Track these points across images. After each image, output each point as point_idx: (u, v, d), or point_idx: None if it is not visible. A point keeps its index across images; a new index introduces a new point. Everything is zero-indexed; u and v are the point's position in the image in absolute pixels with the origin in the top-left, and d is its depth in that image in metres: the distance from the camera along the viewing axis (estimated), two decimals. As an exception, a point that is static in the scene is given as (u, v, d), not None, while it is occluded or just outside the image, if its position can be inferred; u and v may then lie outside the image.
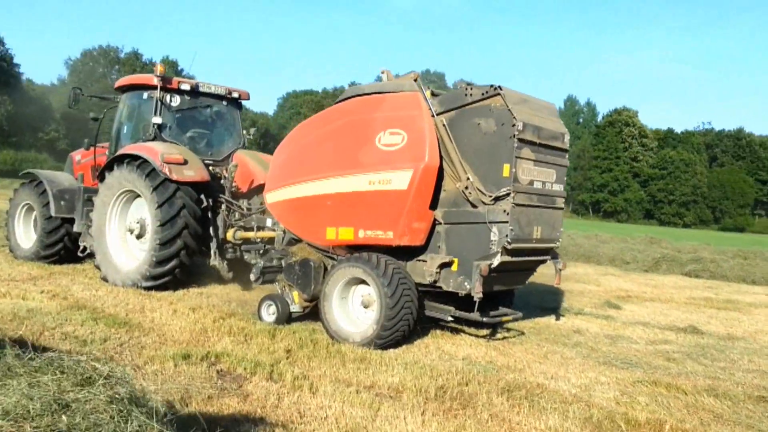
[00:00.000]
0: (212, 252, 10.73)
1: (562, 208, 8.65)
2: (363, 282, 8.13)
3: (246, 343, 7.52)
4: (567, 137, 8.49)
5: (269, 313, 8.82)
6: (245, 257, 11.03)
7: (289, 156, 9.13)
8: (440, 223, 8.01)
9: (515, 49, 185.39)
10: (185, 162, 10.43)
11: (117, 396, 2.97)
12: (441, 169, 7.88)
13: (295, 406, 5.57)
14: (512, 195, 7.51)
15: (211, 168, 11.20)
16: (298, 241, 9.33)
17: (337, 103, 8.84)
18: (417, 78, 8.28)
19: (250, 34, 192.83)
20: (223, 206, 11.06)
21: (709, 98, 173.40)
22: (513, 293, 9.47)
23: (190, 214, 10.35)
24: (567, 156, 8.57)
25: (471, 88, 7.83)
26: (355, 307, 8.31)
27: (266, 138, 69.07)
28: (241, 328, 8.11)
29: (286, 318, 8.74)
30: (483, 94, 7.70)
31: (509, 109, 7.49)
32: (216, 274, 11.28)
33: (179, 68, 77.76)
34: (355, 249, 8.40)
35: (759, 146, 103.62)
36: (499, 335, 9.04)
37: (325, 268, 8.76)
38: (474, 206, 7.74)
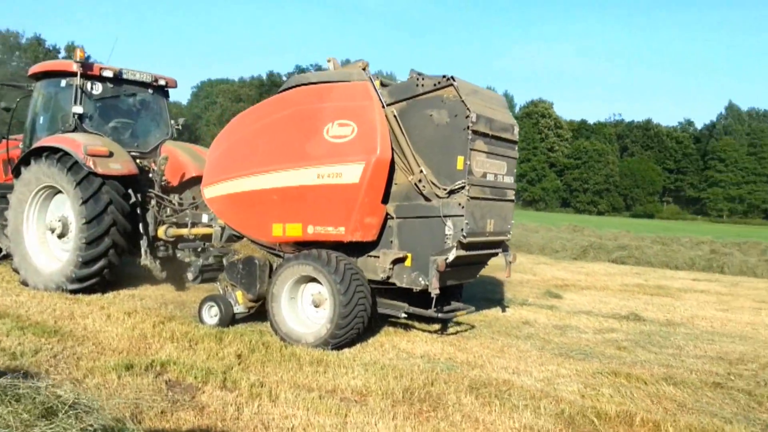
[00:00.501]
0: (143, 251, 10.08)
1: (513, 201, 8.49)
2: (313, 280, 7.73)
3: (192, 349, 7.01)
4: (516, 129, 8.32)
5: (211, 315, 8.30)
6: (178, 255, 10.40)
7: (229, 148, 8.61)
8: (392, 218, 7.69)
9: (432, 39, 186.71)
10: (110, 154, 9.74)
11: (90, 429, 2.51)
12: (393, 162, 7.56)
13: (258, 417, 5.16)
14: (467, 188, 7.27)
15: (138, 161, 10.51)
16: (239, 237, 8.85)
17: (281, 92, 8.36)
18: (366, 67, 7.91)
19: (161, 20, 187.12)
20: (153, 201, 10.43)
21: (620, 91, 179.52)
22: (462, 287, 9.27)
23: (118, 210, 9.69)
24: (516, 148, 8.40)
25: (422, 79, 7.52)
26: (305, 306, 7.90)
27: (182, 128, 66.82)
28: (183, 332, 7.57)
29: (229, 320, 8.25)
30: (435, 84, 7.41)
31: (462, 101, 7.23)
32: (147, 274, 10.64)
33: (87, 56, 74.42)
34: (303, 245, 7.98)
35: (666, 137, 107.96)
36: (451, 330, 8.81)
37: (271, 267, 8.32)
38: (427, 200, 7.45)
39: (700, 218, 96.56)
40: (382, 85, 7.87)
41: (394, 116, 7.54)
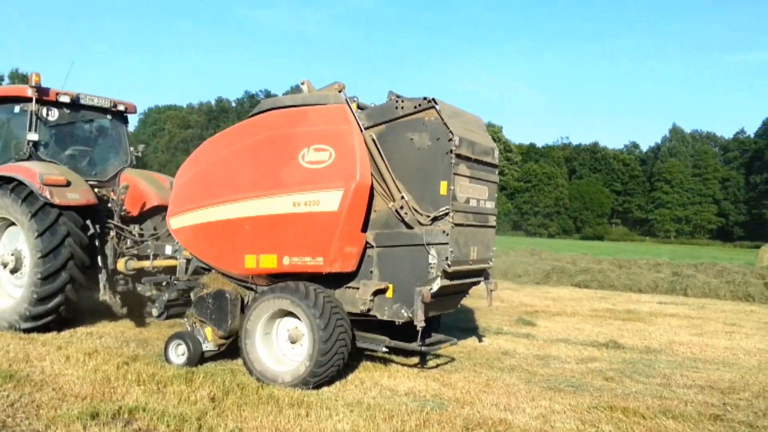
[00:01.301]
0: (102, 285, 9.47)
1: (494, 227, 8.22)
2: (289, 314, 7.31)
3: (160, 393, 6.50)
4: (497, 152, 8.08)
5: (178, 354, 7.78)
6: (139, 290, 9.85)
7: (196, 176, 8.15)
8: (372, 247, 7.32)
9: (378, 65, 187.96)
10: (68, 183, 9.19)
11: None
12: (372, 189, 7.22)
13: (242, 471, 4.71)
14: (451, 214, 6.97)
15: (96, 190, 9.95)
16: (207, 270, 8.36)
17: (252, 116, 7.96)
18: (342, 89, 7.58)
19: (106, 46, 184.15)
20: (112, 233, 9.87)
21: (567, 114, 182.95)
22: (440, 317, 8.95)
23: (76, 243, 9.11)
24: (497, 172, 8.16)
25: (402, 101, 7.22)
26: (280, 343, 7.46)
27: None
28: (150, 374, 7.05)
29: (198, 359, 7.74)
30: (416, 107, 7.11)
31: (445, 123, 6.95)
32: (104, 310, 10.06)
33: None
34: (277, 278, 7.55)
35: (613, 159, 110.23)
36: (431, 363, 8.46)
37: (243, 301, 7.86)
38: (409, 227, 7.11)
39: (648, 239, 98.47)
40: (359, 108, 7.55)
41: (373, 140, 7.21)
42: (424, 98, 7.08)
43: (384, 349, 7.54)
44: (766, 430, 6.10)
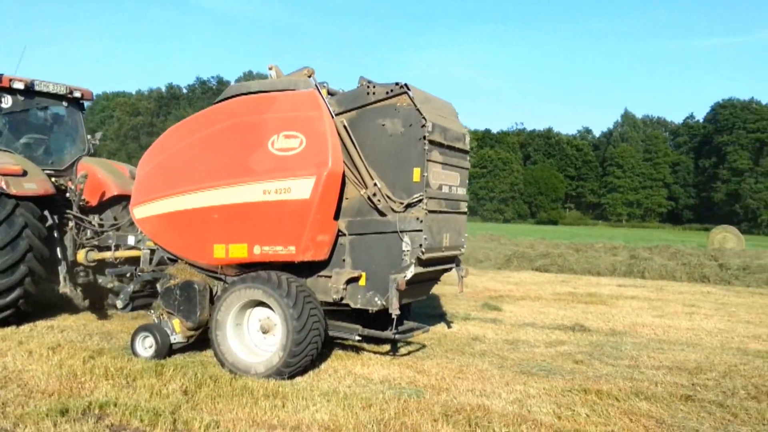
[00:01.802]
0: (62, 277, 9.20)
1: (466, 213, 8.21)
2: (260, 304, 7.18)
3: (131, 387, 6.34)
4: (468, 138, 8.05)
5: (146, 346, 7.60)
6: (100, 281, 9.62)
7: (161, 164, 7.93)
8: (344, 235, 7.24)
9: (326, 50, 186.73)
10: (24, 173, 8.88)
11: None
12: (344, 176, 7.12)
13: (222, 465, 4.61)
14: (424, 201, 6.92)
15: (53, 179, 9.64)
16: (173, 261, 8.17)
17: (217, 102, 7.78)
18: (312, 74, 7.45)
19: (53, 30, 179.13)
20: (72, 223, 9.59)
21: (521, 100, 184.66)
22: (410, 304, 8.93)
23: (34, 234, 8.82)
24: (468, 158, 8.14)
25: (374, 86, 7.12)
26: (252, 333, 7.33)
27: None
28: (118, 368, 6.87)
29: (166, 351, 7.57)
30: (387, 92, 7.03)
31: (418, 109, 6.88)
32: (64, 302, 9.78)
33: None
34: (247, 267, 7.42)
35: (566, 145, 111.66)
36: (402, 350, 8.42)
37: (211, 292, 7.70)
38: (382, 214, 7.05)
39: (600, 223, 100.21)
40: (329, 93, 7.43)
41: (344, 127, 7.11)
42: (396, 84, 7.00)
43: (357, 338, 7.47)
44: (737, 409, 6.20)
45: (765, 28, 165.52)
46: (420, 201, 6.91)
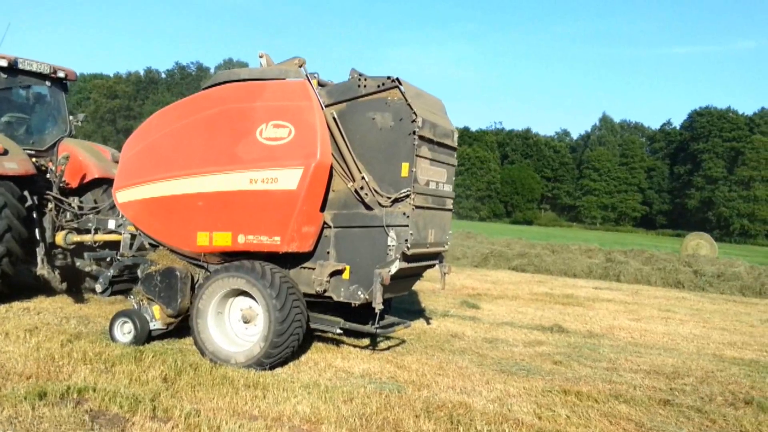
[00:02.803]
0: (39, 259, 9.09)
1: (451, 210, 8.21)
2: (242, 294, 7.14)
3: (109, 373, 6.26)
4: (456, 135, 8.05)
5: (124, 332, 7.52)
6: (78, 264, 9.51)
7: (146, 148, 7.83)
8: (329, 227, 7.21)
9: (314, 41, 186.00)
10: (5, 152, 8.76)
11: None
12: (332, 168, 7.09)
13: (203, 454, 4.57)
14: (412, 196, 6.90)
15: (34, 160, 9.50)
16: (155, 246, 8.08)
17: (206, 88, 7.69)
18: (303, 64, 7.39)
19: (31, 9, 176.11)
20: (51, 205, 9.46)
21: (500, 99, 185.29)
22: (391, 300, 8.94)
23: (13, 215, 8.70)
24: (455, 155, 8.14)
25: (365, 79, 7.09)
26: (233, 323, 7.28)
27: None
28: (96, 353, 6.80)
29: (145, 337, 7.50)
30: (379, 86, 7.00)
31: (408, 104, 6.87)
32: (40, 284, 9.63)
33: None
34: (230, 256, 7.36)
35: (544, 146, 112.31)
36: (382, 344, 8.42)
37: (193, 279, 7.63)
38: (369, 208, 7.02)
39: (575, 225, 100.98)
40: (320, 84, 7.39)
41: (334, 119, 7.07)
42: (388, 77, 6.97)
43: (338, 331, 7.45)
44: (715, 415, 6.27)
45: (744, 38, 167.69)
46: (407, 196, 6.89)
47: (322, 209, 7.15)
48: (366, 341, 8.42)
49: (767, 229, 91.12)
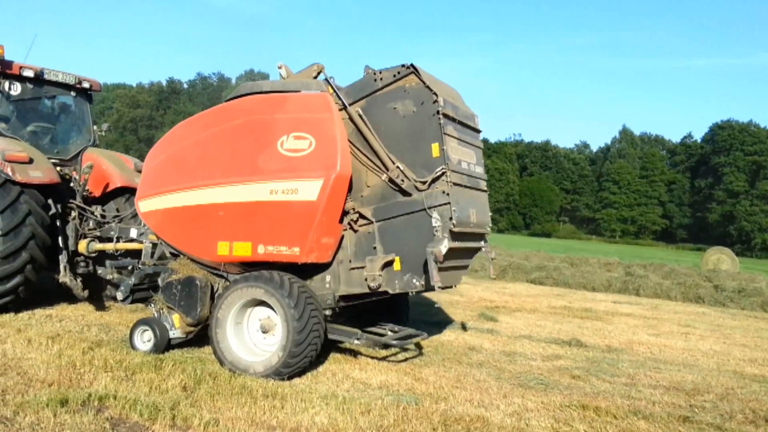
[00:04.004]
0: (62, 266, 9.20)
1: (487, 192, 8.23)
2: (261, 304, 7.19)
3: (130, 381, 6.33)
4: (478, 119, 8.10)
5: (144, 340, 7.60)
6: (99, 272, 9.63)
7: (169, 158, 7.94)
8: (371, 222, 7.16)
9: (333, 54, 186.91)
10: (30, 161, 8.88)
11: None
12: (352, 180, 7.13)
13: (222, 464, 4.60)
14: (448, 174, 6.89)
15: (58, 168, 9.64)
16: (175, 255, 8.16)
17: (229, 100, 7.79)
18: (322, 70, 7.50)
19: (51, 20, 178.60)
20: (74, 213, 9.60)
21: (519, 111, 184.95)
22: (408, 311, 9.00)
23: (38, 222, 8.83)
24: (480, 138, 8.17)
25: (380, 73, 7.22)
26: (252, 332, 7.33)
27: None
28: (117, 360, 6.87)
29: (165, 346, 7.56)
30: (395, 75, 7.13)
31: (428, 87, 6.96)
32: (62, 292, 9.75)
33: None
34: (250, 266, 7.42)
35: (563, 158, 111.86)
36: (400, 356, 8.42)
37: (212, 288, 7.69)
38: (407, 194, 7.00)
39: (594, 238, 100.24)
40: (336, 88, 7.47)
41: (359, 115, 7.14)
42: (403, 65, 7.10)
43: (356, 342, 7.47)
44: (734, 432, 6.23)
45: (765, 50, 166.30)
46: (443, 174, 6.88)
47: (341, 221, 7.19)
48: (384, 353, 8.42)
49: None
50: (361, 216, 7.18)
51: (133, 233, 9.30)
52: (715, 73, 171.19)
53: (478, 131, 8.05)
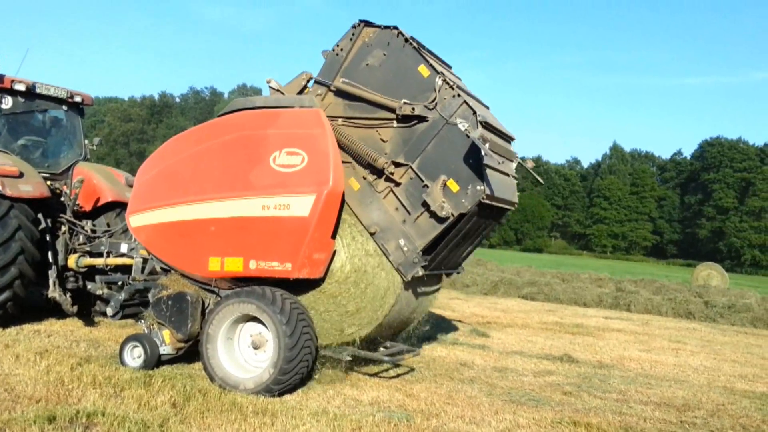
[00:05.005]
0: (51, 281, 9.15)
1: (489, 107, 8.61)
2: (252, 320, 7.15)
3: (118, 397, 6.28)
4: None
5: (134, 356, 7.54)
6: (89, 288, 9.57)
7: (160, 173, 7.90)
8: (408, 166, 7.06)
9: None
10: (21, 175, 8.84)
11: None
12: (344, 196, 7.14)
13: (213, 483, 4.56)
14: (447, 80, 6.97)
15: (48, 183, 9.60)
16: (166, 270, 8.12)
17: (222, 115, 7.79)
18: (311, 78, 7.59)
19: (44, 32, 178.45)
20: (64, 228, 9.55)
21: (511, 127, 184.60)
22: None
23: (27, 237, 8.76)
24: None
25: (337, 46, 7.49)
26: (242, 348, 7.29)
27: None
28: (106, 377, 6.82)
29: (155, 362, 7.51)
30: (351, 38, 7.43)
31: (385, 27, 7.26)
32: (51, 307, 9.66)
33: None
34: (241, 281, 7.39)
35: (555, 174, 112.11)
36: (391, 372, 8.40)
37: (203, 304, 7.66)
38: (423, 119, 7.02)
39: (585, 253, 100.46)
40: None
41: (345, 82, 7.36)
42: (353, 26, 7.41)
43: (348, 358, 7.44)
44: (726, 449, 6.23)
45: (754, 69, 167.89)
46: (444, 83, 6.97)
47: (333, 236, 7.19)
48: (375, 369, 8.40)
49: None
50: (397, 165, 7.13)
51: (124, 248, 9.25)
52: (704, 91, 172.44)
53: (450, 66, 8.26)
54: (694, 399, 8.27)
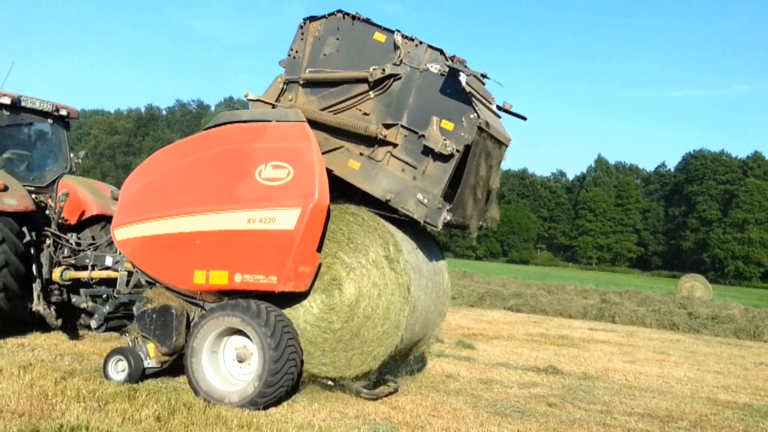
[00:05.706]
0: (35, 295, 9.13)
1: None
2: (237, 333, 7.16)
3: (103, 411, 6.26)
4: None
5: (118, 370, 7.51)
6: (74, 301, 9.51)
7: (146, 186, 7.91)
8: (398, 125, 7.24)
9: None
10: (5, 188, 8.83)
11: None
12: (329, 210, 7.18)
13: (198, 497, 4.56)
14: (403, 33, 7.29)
15: (33, 196, 9.57)
16: (151, 284, 8.11)
17: (208, 128, 7.82)
18: (288, 81, 7.75)
19: (28, 44, 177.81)
20: (49, 241, 9.50)
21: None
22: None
23: (11, 250, 8.73)
24: None
25: (291, 50, 7.87)
26: (227, 362, 7.28)
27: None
28: (90, 390, 6.79)
29: (139, 375, 7.48)
30: (301, 37, 7.81)
31: (327, 16, 7.68)
32: (35, 320, 9.61)
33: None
34: (226, 295, 7.40)
35: (540, 186, 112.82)
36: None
37: (188, 317, 7.65)
38: (397, 76, 7.25)
39: (571, 265, 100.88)
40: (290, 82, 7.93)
41: (312, 71, 7.69)
42: (300, 25, 7.82)
43: (330, 383, 7.46)
44: (707, 459, 6.28)
45: (738, 82, 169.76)
46: (403, 37, 7.25)
47: (319, 249, 7.22)
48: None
49: (761, 271, 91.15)
50: (387, 126, 7.26)
51: (109, 261, 9.21)
52: (688, 104, 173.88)
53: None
54: (678, 410, 8.34)
